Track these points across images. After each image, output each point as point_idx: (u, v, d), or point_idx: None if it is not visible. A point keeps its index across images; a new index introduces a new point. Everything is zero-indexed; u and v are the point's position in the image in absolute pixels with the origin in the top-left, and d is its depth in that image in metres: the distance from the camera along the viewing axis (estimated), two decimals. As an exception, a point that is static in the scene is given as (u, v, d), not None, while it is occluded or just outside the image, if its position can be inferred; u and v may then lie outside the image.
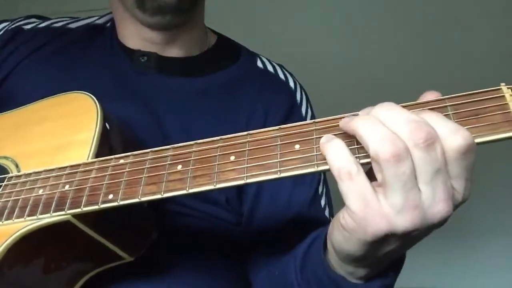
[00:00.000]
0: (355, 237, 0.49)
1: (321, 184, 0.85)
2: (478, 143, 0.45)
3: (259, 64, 0.94)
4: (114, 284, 0.70)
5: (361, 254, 0.51)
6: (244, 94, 0.88)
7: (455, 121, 0.47)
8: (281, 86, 0.92)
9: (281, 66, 0.96)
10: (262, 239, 0.80)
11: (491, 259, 2.00)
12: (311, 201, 0.82)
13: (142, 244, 0.68)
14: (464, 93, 0.48)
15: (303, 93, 0.93)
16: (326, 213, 0.84)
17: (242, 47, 0.96)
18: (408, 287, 2.02)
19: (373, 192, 0.46)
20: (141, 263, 0.68)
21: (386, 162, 0.45)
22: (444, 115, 0.47)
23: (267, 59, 0.96)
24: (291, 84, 0.93)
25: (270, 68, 0.94)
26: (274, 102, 0.88)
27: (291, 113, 0.88)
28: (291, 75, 0.95)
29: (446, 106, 0.47)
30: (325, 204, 0.84)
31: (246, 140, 0.54)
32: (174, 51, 0.89)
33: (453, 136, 0.45)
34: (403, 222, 0.46)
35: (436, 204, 0.46)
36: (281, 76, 0.94)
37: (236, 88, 0.88)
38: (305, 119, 0.89)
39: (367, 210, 0.46)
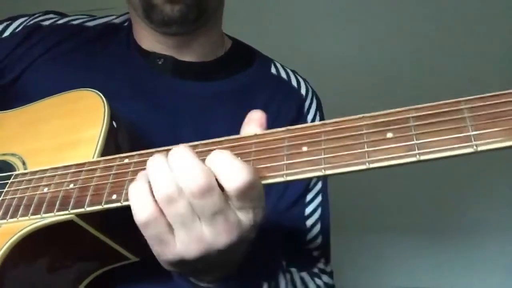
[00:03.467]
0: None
1: (312, 192, 0.82)
2: (497, 149, 0.40)
3: (273, 70, 0.91)
4: (119, 284, 0.67)
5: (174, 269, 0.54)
6: (256, 100, 0.84)
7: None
8: (292, 93, 0.88)
9: (294, 72, 0.92)
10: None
11: (491, 259, 1.95)
12: (292, 204, 0.79)
13: (147, 244, 0.64)
14: (481, 96, 0.43)
15: (313, 100, 0.89)
16: (309, 222, 0.81)
17: (256, 52, 0.93)
18: (408, 287, 1.98)
19: (167, 233, 0.49)
20: (146, 263, 0.64)
21: (162, 202, 0.47)
22: (460, 118, 0.42)
23: (281, 65, 0.92)
24: (303, 91, 0.89)
25: (283, 74, 0.91)
26: (282, 109, 0.84)
27: (296, 122, 0.84)
28: (305, 81, 0.91)
29: (462, 109, 0.43)
30: (310, 214, 0.81)
31: (253, 141, 0.50)
32: (189, 55, 0.86)
33: (232, 178, 0.46)
34: (191, 253, 0.49)
35: (219, 236, 0.48)
36: (294, 83, 0.90)
37: (248, 94, 0.85)
38: None
39: (161, 247, 0.50)
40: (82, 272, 0.63)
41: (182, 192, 0.47)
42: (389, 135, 0.44)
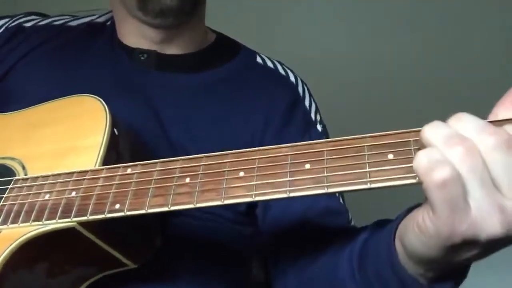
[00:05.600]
0: (434, 242, 0.45)
1: None
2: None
3: (259, 60, 0.93)
4: (113, 286, 0.69)
5: (437, 258, 0.47)
6: (243, 89, 0.87)
7: None
8: (282, 80, 0.91)
9: (280, 63, 0.95)
10: (281, 238, 0.78)
11: (491, 258, 1.99)
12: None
13: (146, 252, 0.66)
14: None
15: (305, 87, 0.92)
16: (341, 200, 0.82)
17: (240, 45, 0.95)
18: None
19: (464, 197, 0.42)
20: (142, 266, 0.67)
21: (457, 158, 0.42)
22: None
23: (266, 56, 0.95)
24: (292, 78, 0.91)
25: (269, 64, 0.93)
26: (275, 96, 0.86)
27: (295, 107, 0.87)
28: (291, 70, 0.94)
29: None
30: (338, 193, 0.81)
31: (256, 157, 0.53)
32: (173, 49, 0.88)
33: None
34: (491, 224, 0.42)
35: None
36: (281, 71, 0.92)
37: (235, 83, 0.87)
38: (309, 113, 0.88)
39: (455, 214, 0.43)
40: (80, 278, 0.65)
41: (478, 146, 0.42)
42: (390, 156, 0.48)
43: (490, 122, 0.45)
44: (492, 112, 0.47)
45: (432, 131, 0.44)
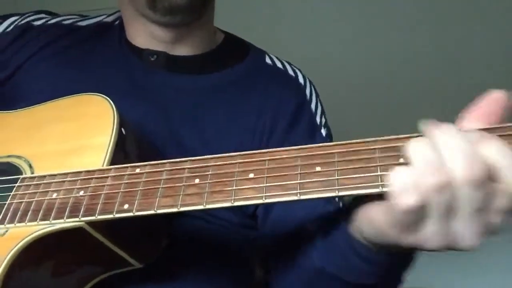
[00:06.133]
0: (385, 238, 0.51)
1: None
2: None
3: (268, 60, 0.93)
4: (118, 285, 0.69)
5: (388, 244, 0.53)
6: (253, 90, 0.87)
7: None
8: (291, 81, 0.91)
9: (289, 63, 0.95)
10: (282, 239, 0.79)
11: (491, 259, 2.00)
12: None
13: (152, 252, 0.67)
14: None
15: (312, 88, 0.92)
16: (341, 204, 0.81)
17: (250, 44, 0.95)
18: (407, 287, 2.03)
19: (419, 222, 0.47)
20: (146, 266, 0.67)
21: (429, 191, 0.44)
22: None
23: (275, 56, 0.95)
24: (301, 80, 0.92)
25: (279, 64, 0.93)
26: (283, 97, 0.87)
27: (301, 110, 0.87)
28: (300, 71, 0.94)
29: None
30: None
31: (266, 158, 0.53)
32: (182, 50, 0.88)
33: None
34: (429, 245, 0.48)
35: (468, 238, 0.46)
36: (290, 72, 0.93)
37: (245, 84, 0.87)
38: (315, 115, 0.88)
39: (406, 233, 0.48)
40: (85, 277, 0.65)
41: (454, 180, 0.44)
42: (402, 160, 0.48)
43: (480, 130, 0.47)
44: (462, 116, 0.49)
45: (414, 150, 0.46)
